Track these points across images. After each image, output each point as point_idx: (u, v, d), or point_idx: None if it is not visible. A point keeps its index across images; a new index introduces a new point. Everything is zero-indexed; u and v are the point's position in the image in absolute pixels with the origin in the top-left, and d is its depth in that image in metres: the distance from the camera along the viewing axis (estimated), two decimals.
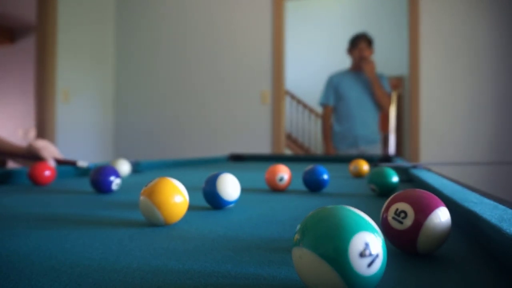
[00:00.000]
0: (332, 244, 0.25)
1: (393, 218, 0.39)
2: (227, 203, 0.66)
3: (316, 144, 6.58)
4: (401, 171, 1.33)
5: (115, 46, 4.08)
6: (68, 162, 1.23)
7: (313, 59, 6.70)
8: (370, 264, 0.25)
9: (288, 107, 6.45)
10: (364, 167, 1.26)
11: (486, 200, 0.52)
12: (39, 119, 3.35)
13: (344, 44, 4.16)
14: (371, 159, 1.94)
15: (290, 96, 6.50)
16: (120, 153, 4.03)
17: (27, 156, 1.21)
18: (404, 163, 1.33)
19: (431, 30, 3.15)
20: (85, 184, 1.06)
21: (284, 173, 0.91)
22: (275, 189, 0.92)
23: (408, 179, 1.11)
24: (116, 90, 4.09)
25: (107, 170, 0.86)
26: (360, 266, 0.25)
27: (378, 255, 0.26)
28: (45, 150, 1.20)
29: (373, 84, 2.82)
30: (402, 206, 0.39)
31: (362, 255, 0.25)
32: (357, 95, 2.89)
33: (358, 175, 1.27)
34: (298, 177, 1.18)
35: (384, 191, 0.82)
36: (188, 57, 3.81)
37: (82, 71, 3.72)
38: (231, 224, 0.54)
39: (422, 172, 1.04)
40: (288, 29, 4.58)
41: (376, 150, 2.92)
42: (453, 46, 3.11)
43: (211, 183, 0.66)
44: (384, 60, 5.18)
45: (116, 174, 0.87)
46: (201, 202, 0.74)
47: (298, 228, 0.28)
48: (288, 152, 6.30)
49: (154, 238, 0.46)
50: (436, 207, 0.38)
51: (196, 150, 3.72)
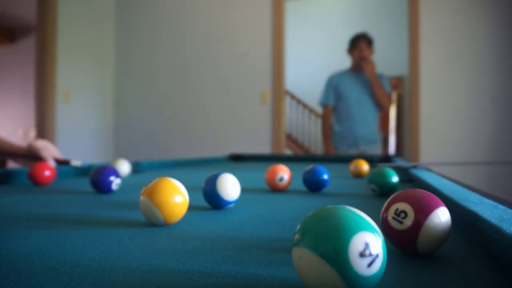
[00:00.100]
0: (332, 244, 0.25)
1: (393, 218, 0.39)
2: (227, 203, 0.66)
3: (316, 144, 6.58)
4: (401, 171, 1.33)
5: (115, 46, 4.08)
6: (62, 161, 1.23)
7: (313, 59, 6.70)
8: (370, 264, 0.25)
9: (288, 107, 6.45)
10: (364, 167, 1.26)
11: (486, 200, 0.52)
12: (39, 119, 3.35)
13: (344, 44, 4.16)
14: (371, 159, 1.94)
15: (290, 96, 6.50)
16: (120, 153, 4.03)
17: (27, 156, 1.21)
18: (403, 163, 1.33)
19: (431, 30, 3.15)
20: (85, 184, 1.06)
21: (284, 173, 0.91)
22: (275, 189, 0.92)
23: (408, 179, 1.11)
24: (116, 90, 4.09)
25: (107, 170, 0.86)
26: (360, 266, 0.25)
27: (378, 255, 0.26)
28: (45, 150, 1.20)
29: (373, 84, 2.82)
30: (402, 206, 0.39)
31: (362, 255, 0.25)
32: (357, 95, 2.89)
33: (358, 175, 1.27)
34: (298, 177, 1.18)
35: (384, 191, 0.82)
36: (188, 57, 3.81)
37: (82, 71, 3.72)
38: (231, 224, 0.54)
39: (422, 172, 1.04)
40: (288, 29, 4.58)
41: (376, 150, 2.92)
42: (453, 46, 3.11)
43: (211, 183, 0.66)
44: (384, 60, 5.18)
45: (116, 174, 0.87)
46: (201, 202, 0.74)
47: (298, 228, 0.28)
48: (288, 152, 6.30)
49: (154, 238, 0.46)
50: (436, 207, 0.38)
51: (196, 150, 3.72)
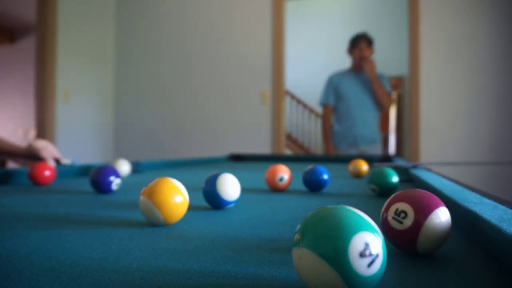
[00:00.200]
0: (332, 244, 0.25)
1: (393, 218, 0.39)
2: (227, 203, 0.66)
3: (316, 144, 6.58)
4: (401, 171, 1.33)
5: (115, 46, 4.08)
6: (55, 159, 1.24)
7: (313, 59, 6.70)
8: (370, 264, 0.25)
9: (288, 107, 6.45)
10: (363, 167, 1.26)
11: (486, 200, 0.52)
12: (39, 119, 3.35)
13: (344, 44, 4.16)
14: (371, 159, 1.94)
15: (290, 96, 6.50)
16: (120, 153, 4.03)
17: (27, 156, 1.21)
18: (402, 163, 1.33)
19: (431, 30, 3.15)
20: (85, 184, 1.06)
21: (284, 173, 0.91)
22: (275, 189, 0.92)
23: (408, 179, 1.11)
24: (116, 90, 4.09)
25: (107, 170, 0.86)
26: (360, 266, 0.25)
27: (378, 255, 0.26)
28: (45, 150, 1.20)
29: (373, 83, 2.82)
30: (402, 206, 0.39)
31: (362, 255, 0.25)
32: (357, 95, 2.89)
33: (357, 175, 1.27)
34: (298, 177, 1.18)
35: (384, 191, 0.82)
36: (188, 57, 3.81)
37: (82, 71, 3.72)
38: (231, 224, 0.54)
39: (422, 172, 1.04)
40: (288, 29, 4.58)
41: (376, 150, 2.92)
42: (453, 46, 3.11)
43: (211, 183, 0.66)
44: (384, 60, 5.18)
45: (116, 174, 0.87)
46: (201, 202, 0.74)
47: (298, 228, 0.28)
48: (288, 152, 6.30)
49: (154, 238, 0.46)
50: (436, 207, 0.38)
51: (196, 150, 3.72)
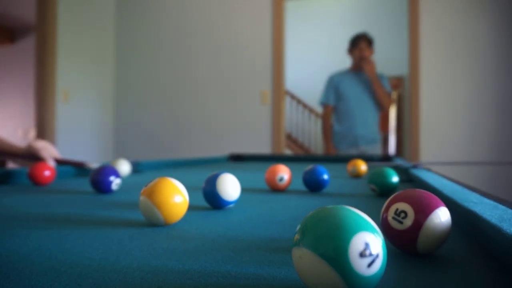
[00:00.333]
0: (332, 244, 0.25)
1: (393, 218, 0.39)
2: (227, 203, 0.66)
3: (316, 144, 6.58)
4: (401, 171, 1.33)
5: (115, 46, 4.08)
6: (76, 163, 1.24)
7: (313, 59, 6.70)
8: (370, 264, 0.25)
9: (288, 107, 6.45)
10: (362, 167, 1.26)
11: (486, 200, 0.52)
12: (39, 119, 3.35)
13: (344, 44, 4.16)
14: (370, 159, 1.94)
15: (290, 96, 6.50)
16: (120, 153, 4.02)
17: (27, 156, 1.21)
18: (400, 163, 1.33)
19: (431, 30, 3.15)
20: (85, 184, 1.06)
21: (284, 173, 0.91)
22: (275, 189, 0.92)
23: (408, 179, 1.11)
24: (116, 90, 4.09)
25: (107, 170, 0.86)
26: (360, 266, 0.25)
27: (378, 255, 0.26)
28: (44, 150, 1.20)
29: (373, 83, 2.82)
30: (402, 206, 0.39)
31: (362, 255, 0.25)
32: (357, 95, 2.89)
33: (357, 175, 1.27)
34: (298, 177, 1.18)
35: (384, 191, 0.82)
36: (188, 57, 3.81)
37: (82, 71, 3.72)
38: (231, 224, 0.54)
39: (422, 172, 1.04)
40: (288, 29, 4.58)
41: (376, 150, 2.92)
42: (453, 46, 3.11)
43: (211, 183, 0.66)
44: (384, 60, 5.18)
45: (116, 174, 0.87)
46: (201, 202, 0.74)
47: (298, 228, 0.28)
48: (288, 152, 6.30)
49: (154, 238, 0.46)
50: (436, 207, 0.38)
51: (196, 150, 3.72)
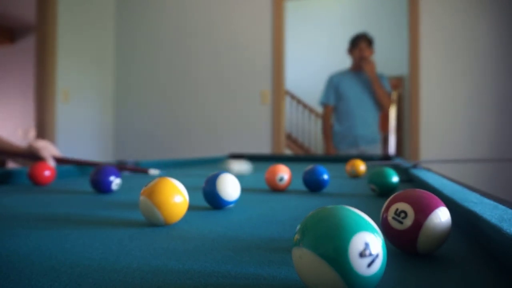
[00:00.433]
0: (332, 244, 0.25)
1: (393, 218, 0.39)
2: (227, 203, 0.66)
3: (316, 144, 6.58)
4: (401, 171, 1.33)
5: (115, 46, 4.08)
6: (139, 170, 1.29)
7: (313, 59, 6.70)
8: (370, 264, 0.25)
9: (288, 107, 6.44)
10: (361, 167, 1.26)
11: (486, 200, 0.52)
12: (39, 119, 3.35)
13: (344, 44, 4.16)
14: (370, 159, 1.94)
15: (290, 96, 6.50)
16: (120, 153, 4.03)
17: (27, 156, 1.21)
18: (399, 162, 1.33)
19: (431, 30, 3.15)
20: (85, 184, 1.06)
21: (284, 173, 0.91)
22: (275, 189, 0.92)
23: (408, 179, 1.11)
24: (116, 90, 4.09)
25: (107, 170, 0.86)
26: (360, 266, 0.25)
27: (378, 255, 0.26)
28: (44, 150, 1.20)
29: (373, 83, 2.82)
30: (402, 206, 0.39)
31: (362, 255, 0.25)
32: (357, 95, 2.89)
33: (356, 176, 1.27)
34: (298, 177, 1.17)
35: (384, 191, 0.82)
36: (188, 57, 3.81)
37: (82, 71, 3.72)
38: (231, 224, 0.54)
39: (422, 172, 1.04)
40: (288, 29, 4.58)
41: (376, 150, 2.92)
42: (453, 46, 3.11)
43: (211, 183, 0.66)
44: (384, 60, 5.18)
45: (116, 174, 0.87)
46: (201, 202, 0.74)
47: (298, 228, 0.28)
48: (288, 152, 6.30)
49: (154, 238, 0.46)
50: (436, 207, 0.38)
51: (196, 150, 3.72)
